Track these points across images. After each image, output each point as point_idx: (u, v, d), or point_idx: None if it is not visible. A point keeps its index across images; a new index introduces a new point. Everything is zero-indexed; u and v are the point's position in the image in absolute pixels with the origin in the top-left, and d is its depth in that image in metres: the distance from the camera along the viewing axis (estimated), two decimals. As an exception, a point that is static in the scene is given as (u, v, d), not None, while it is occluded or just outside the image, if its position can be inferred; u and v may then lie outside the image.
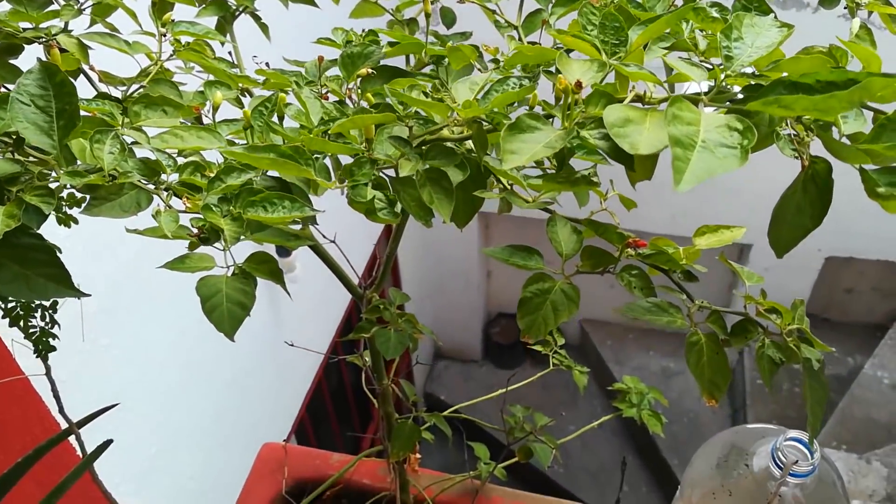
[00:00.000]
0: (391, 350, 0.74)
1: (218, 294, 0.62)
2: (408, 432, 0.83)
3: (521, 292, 0.48)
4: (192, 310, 1.90)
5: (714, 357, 0.45)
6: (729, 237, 0.51)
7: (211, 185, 0.43)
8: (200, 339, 1.94)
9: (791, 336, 0.45)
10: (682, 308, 0.51)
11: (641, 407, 1.16)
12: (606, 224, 0.50)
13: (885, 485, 2.58)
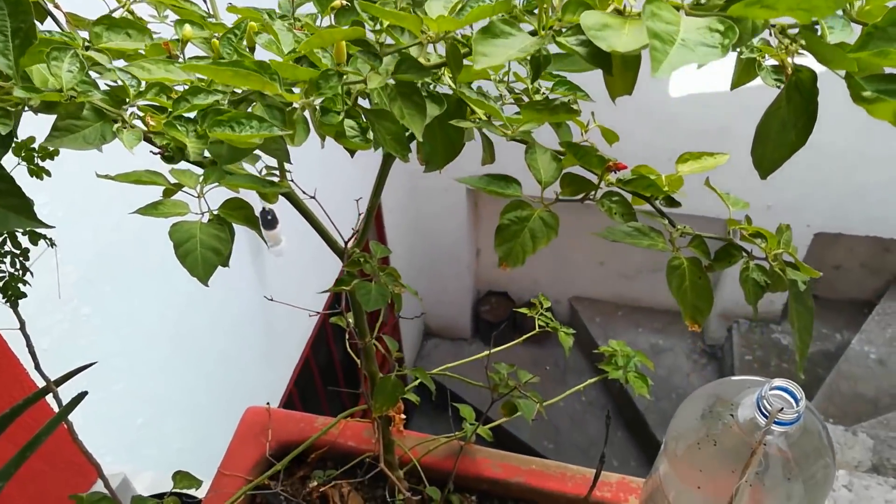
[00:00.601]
0: (372, 302, 0.73)
1: (192, 240, 0.61)
2: (391, 387, 0.82)
3: (499, 220, 0.47)
4: (178, 281, 1.88)
5: (696, 282, 0.44)
6: (712, 163, 0.50)
7: (176, 105, 0.42)
8: (188, 311, 1.93)
9: (777, 261, 0.44)
10: (664, 234, 0.49)
11: (627, 369, 1.15)
12: (586, 146, 0.49)
13: (871, 455, 2.60)
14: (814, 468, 0.72)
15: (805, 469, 0.71)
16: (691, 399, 0.78)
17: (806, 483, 0.71)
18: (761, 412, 0.69)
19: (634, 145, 3.38)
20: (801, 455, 0.71)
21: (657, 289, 4.17)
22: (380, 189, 0.82)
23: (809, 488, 0.71)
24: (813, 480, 0.71)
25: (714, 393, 0.76)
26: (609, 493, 1.08)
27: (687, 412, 0.77)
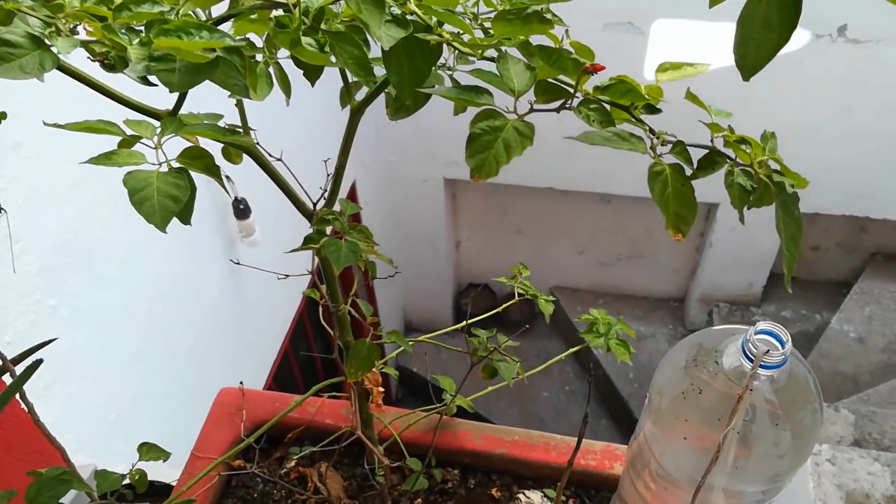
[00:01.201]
0: (342, 259, 0.70)
1: (148, 187, 0.57)
2: (366, 351, 0.79)
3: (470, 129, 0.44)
4: (147, 272, 1.83)
5: (679, 189, 0.42)
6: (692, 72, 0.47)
7: (117, 13, 0.39)
8: (159, 303, 1.88)
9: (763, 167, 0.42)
10: (644, 140, 0.47)
11: (609, 336, 1.13)
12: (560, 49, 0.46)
13: (853, 431, 2.61)
14: (801, 413, 0.70)
15: (792, 415, 0.69)
16: (674, 350, 0.76)
17: (793, 429, 0.69)
18: (746, 357, 0.67)
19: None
20: (788, 400, 0.69)
21: (637, 276, 4.17)
22: (348, 147, 0.79)
23: (797, 434, 0.69)
24: (801, 426, 0.70)
25: (697, 342, 0.74)
26: (594, 461, 1.06)
27: (670, 363, 0.75)
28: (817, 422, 0.70)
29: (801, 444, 0.70)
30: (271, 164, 0.77)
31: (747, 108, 3.22)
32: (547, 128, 3.20)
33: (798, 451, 0.70)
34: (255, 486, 1.06)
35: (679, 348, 0.75)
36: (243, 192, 2.13)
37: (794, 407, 0.70)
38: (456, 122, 3.13)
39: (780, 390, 0.69)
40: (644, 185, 2.44)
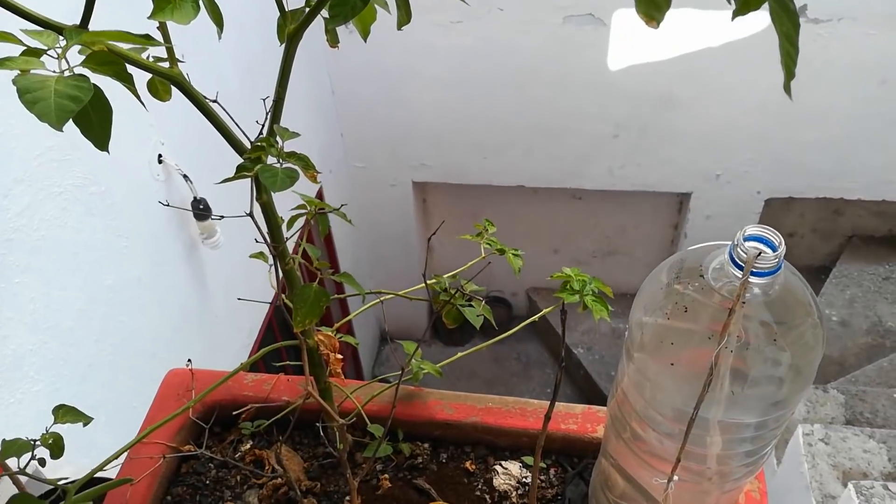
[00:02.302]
0: (279, 183, 0.62)
1: (44, 88, 0.50)
2: (313, 296, 0.70)
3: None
4: (102, 275, 1.71)
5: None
6: None
7: None
8: (115, 307, 1.78)
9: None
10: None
11: (584, 293, 1.06)
12: None
13: (844, 411, 2.55)
14: (801, 328, 0.62)
15: (791, 330, 0.62)
16: (654, 272, 0.68)
17: (793, 346, 0.61)
18: (735, 265, 0.60)
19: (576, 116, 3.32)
20: (785, 313, 0.62)
21: (613, 273, 4.10)
22: (285, 78, 0.71)
23: (797, 353, 0.62)
24: (802, 341, 0.62)
25: (679, 259, 0.66)
26: (575, 425, 0.98)
27: (651, 285, 0.67)
28: (819, 338, 0.63)
29: (802, 365, 0.62)
30: (204, 100, 0.69)
31: (714, 92, 3.19)
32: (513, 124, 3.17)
33: (800, 372, 0.62)
34: (208, 473, 0.97)
35: (659, 269, 0.67)
36: (203, 192, 2.04)
37: (792, 321, 0.62)
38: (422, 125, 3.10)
39: (775, 303, 0.61)
40: (614, 179, 2.42)
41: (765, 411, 0.63)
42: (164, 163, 1.85)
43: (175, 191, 1.95)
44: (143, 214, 1.84)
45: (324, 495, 0.95)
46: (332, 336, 0.90)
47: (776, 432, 0.69)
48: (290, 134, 0.69)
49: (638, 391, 0.69)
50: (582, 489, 0.93)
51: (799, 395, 0.64)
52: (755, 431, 0.66)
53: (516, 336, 4.34)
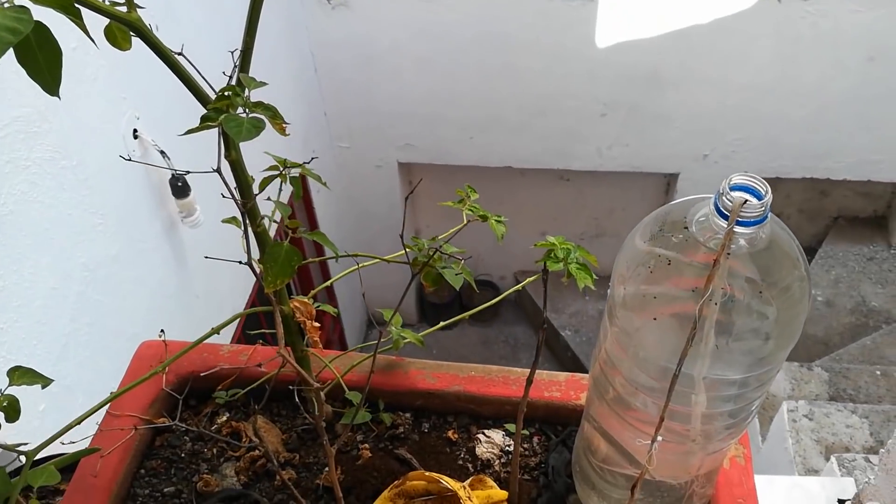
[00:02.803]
0: (244, 133, 0.59)
1: (-20, 20, 0.46)
2: (284, 254, 0.68)
3: None
4: (76, 252, 1.66)
5: None
6: None
7: None
8: (91, 286, 1.75)
9: None
10: None
11: (569, 261, 1.04)
12: None
13: (828, 388, 2.55)
14: (787, 280, 0.60)
15: (778, 283, 0.60)
16: (637, 228, 0.66)
17: (780, 299, 0.60)
18: (720, 215, 0.58)
19: (563, 96, 3.29)
20: (772, 266, 0.60)
21: (600, 255, 4.08)
22: (253, 26, 0.68)
23: (784, 305, 0.60)
24: (788, 295, 0.60)
25: (662, 213, 0.64)
26: (558, 392, 0.96)
27: (633, 240, 0.65)
28: (805, 292, 0.61)
29: (788, 319, 0.60)
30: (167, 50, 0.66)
31: (702, 70, 3.18)
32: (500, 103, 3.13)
33: (786, 326, 0.61)
34: (183, 446, 0.95)
35: (642, 224, 0.65)
36: (181, 169, 2.00)
37: (779, 273, 0.60)
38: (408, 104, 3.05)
39: (761, 255, 0.59)
40: (602, 159, 2.39)
41: (750, 367, 0.62)
42: (139, 138, 1.81)
43: (152, 167, 1.91)
44: (119, 191, 1.80)
45: (303, 467, 0.93)
46: (309, 303, 0.88)
47: (761, 390, 0.67)
48: (256, 83, 0.66)
49: (621, 350, 0.67)
50: (565, 457, 0.92)
51: (785, 350, 0.62)
52: (739, 389, 0.64)
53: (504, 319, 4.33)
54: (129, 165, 1.83)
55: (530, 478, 0.92)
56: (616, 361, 0.68)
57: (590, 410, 0.79)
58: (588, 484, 0.85)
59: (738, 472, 0.89)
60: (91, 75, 1.61)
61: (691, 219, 0.61)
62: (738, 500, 0.86)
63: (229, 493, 0.88)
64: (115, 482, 0.88)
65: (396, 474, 0.89)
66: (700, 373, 0.61)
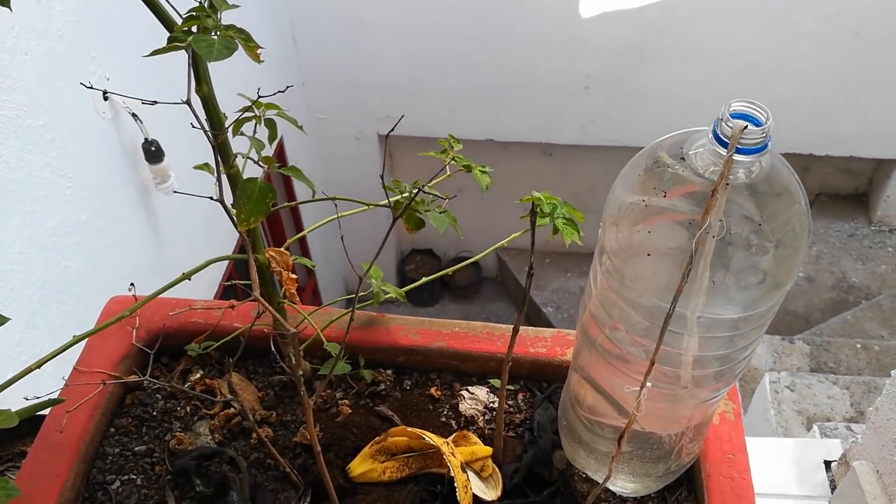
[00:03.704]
0: (215, 53, 0.55)
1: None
2: (258, 190, 0.64)
3: None
4: (44, 218, 1.60)
5: None
6: None
7: None
8: (60, 253, 1.70)
9: None
10: None
11: (555, 216, 1.01)
12: None
13: (809, 361, 2.56)
14: (787, 214, 0.58)
15: (777, 217, 0.57)
16: (631, 162, 0.63)
17: (779, 233, 0.57)
18: (719, 142, 0.55)
19: (546, 69, 3.26)
20: (771, 198, 0.57)
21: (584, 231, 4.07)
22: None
23: (784, 240, 0.57)
24: (787, 228, 0.57)
25: (655, 147, 0.61)
26: (544, 349, 0.93)
27: (626, 174, 0.62)
28: (805, 227, 0.59)
29: (788, 254, 0.58)
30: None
31: (690, 46, 3.15)
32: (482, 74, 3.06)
33: (784, 262, 0.58)
34: (155, 404, 0.91)
35: (637, 157, 0.62)
36: (154, 133, 1.94)
37: (778, 207, 0.58)
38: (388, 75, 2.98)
39: (761, 187, 0.57)
40: (585, 134, 2.33)
41: (747, 306, 0.59)
42: (109, 99, 1.75)
43: (124, 130, 1.86)
44: (89, 154, 1.75)
45: (280, 425, 0.90)
46: (285, 253, 0.84)
47: (756, 334, 0.64)
48: (228, 5, 0.62)
49: (612, 292, 0.64)
50: (551, 413, 0.89)
51: (783, 289, 0.59)
52: (734, 331, 0.62)
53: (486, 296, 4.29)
54: (99, 128, 1.78)
55: (515, 434, 0.89)
56: (606, 305, 0.66)
57: (578, 361, 0.76)
58: (574, 438, 0.82)
59: (728, 427, 0.87)
60: (56, 32, 1.55)
61: (687, 150, 0.58)
62: (727, 455, 0.84)
63: (203, 451, 0.85)
64: (83, 440, 0.84)
65: (377, 431, 0.86)
66: (694, 312, 0.58)
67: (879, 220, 3.76)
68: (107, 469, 0.85)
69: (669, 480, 0.84)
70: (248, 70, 0.61)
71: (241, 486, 0.80)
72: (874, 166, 3.89)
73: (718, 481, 0.81)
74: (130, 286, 0.95)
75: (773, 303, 0.60)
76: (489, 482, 0.85)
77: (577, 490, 0.84)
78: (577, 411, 0.78)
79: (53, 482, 0.80)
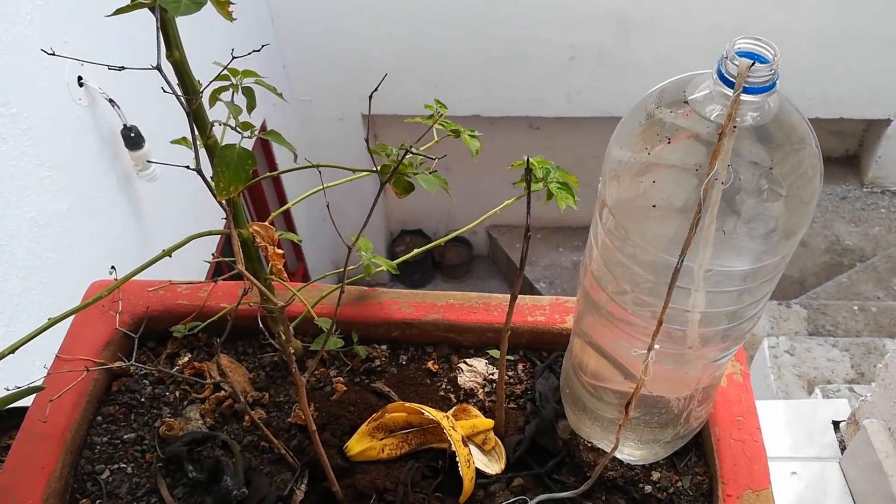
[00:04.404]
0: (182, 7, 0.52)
1: None
2: (237, 157, 0.61)
3: None
4: (24, 209, 1.55)
5: None
6: None
7: None
8: (42, 244, 1.65)
9: None
10: None
11: (549, 181, 0.98)
12: None
13: (806, 325, 2.54)
14: (798, 157, 0.55)
15: (788, 159, 0.54)
16: (632, 110, 0.59)
17: (790, 177, 0.54)
18: (725, 81, 0.51)
19: (530, 42, 3.21)
20: (781, 140, 0.54)
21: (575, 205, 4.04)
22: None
23: (795, 184, 0.54)
24: (799, 172, 0.54)
25: (658, 90, 0.58)
26: (543, 317, 0.90)
27: (628, 123, 0.59)
28: (817, 170, 0.55)
29: (799, 200, 0.55)
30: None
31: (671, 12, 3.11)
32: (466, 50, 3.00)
33: (796, 209, 0.55)
34: (142, 390, 0.88)
35: (636, 106, 0.59)
36: (134, 119, 1.90)
37: (788, 149, 0.54)
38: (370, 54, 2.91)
39: (770, 129, 0.53)
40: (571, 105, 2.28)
41: (758, 257, 0.56)
42: (85, 85, 1.70)
43: (101, 117, 1.81)
44: (67, 142, 1.70)
45: (273, 406, 0.86)
46: (270, 228, 0.80)
47: (765, 289, 0.61)
48: (198, -36, 0.58)
49: (615, 249, 0.61)
50: (552, 382, 0.86)
51: (795, 237, 0.56)
52: (743, 285, 0.59)
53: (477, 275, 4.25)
54: (75, 115, 1.73)
55: (516, 406, 0.86)
56: (610, 265, 0.62)
57: (580, 325, 0.73)
58: (579, 407, 0.79)
59: (736, 389, 0.84)
60: (26, 17, 1.50)
61: (690, 94, 0.55)
62: (737, 417, 0.81)
63: (194, 436, 0.82)
64: (69, 430, 0.81)
65: (374, 408, 0.83)
66: (701, 265, 0.55)
67: (871, 182, 3.74)
68: (95, 459, 0.81)
69: (678, 446, 0.81)
70: (223, 53, 0.57)
71: (236, 470, 0.77)
72: (864, 127, 3.87)
73: (729, 444, 0.79)
74: (112, 269, 0.92)
75: (784, 254, 0.57)
76: (492, 455, 0.82)
77: (582, 460, 0.81)
78: (581, 378, 0.75)
79: (39, 474, 0.77)
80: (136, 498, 0.78)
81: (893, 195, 3.67)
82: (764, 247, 0.55)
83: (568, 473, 0.81)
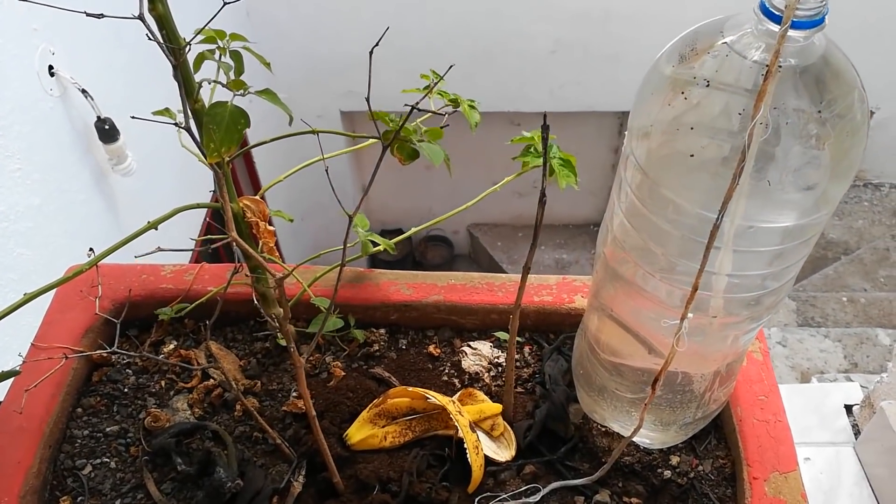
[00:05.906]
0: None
1: None
2: (229, 116, 0.55)
3: None
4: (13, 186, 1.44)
5: None
6: None
7: None
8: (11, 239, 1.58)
9: None
10: None
11: (551, 156, 0.93)
12: None
13: (796, 316, 2.53)
14: (847, 101, 0.50)
15: (837, 102, 0.50)
16: (658, 57, 0.55)
17: (838, 123, 0.49)
18: (769, 16, 0.47)
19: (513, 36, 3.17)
20: (829, 83, 0.50)
21: (555, 203, 4.00)
22: None
23: (844, 130, 0.50)
24: (848, 117, 0.50)
25: (689, 34, 0.53)
26: (550, 297, 0.86)
27: (657, 71, 0.54)
28: (866, 117, 0.51)
29: (847, 148, 0.50)
30: None
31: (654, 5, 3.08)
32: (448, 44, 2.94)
33: (843, 158, 0.51)
34: (125, 380, 0.82)
35: (668, 50, 0.54)
36: (108, 111, 1.82)
37: (836, 93, 0.50)
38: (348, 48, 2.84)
39: (816, 70, 0.49)
40: (554, 100, 2.21)
41: (803, 211, 0.52)
42: (56, 75, 1.63)
43: (74, 108, 1.74)
44: (38, 134, 1.63)
45: (265, 395, 0.81)
46: (261, 201, 0.75)
47: (800, 253, 0.57)
48: None
49: (645, 209, 0.56)
50: (562, 365, 0.82)
51: (840, 188, 0.52)
52: (781, 243, 0.54)
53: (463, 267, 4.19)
54: (47, 106, 1.66)
55: (524, 390, 0.81)
56: (637, 226, 0.58)
57: (599, 298, 0.69)
58: (593, 388, 0.75)
59: (757, 367, 0.80)
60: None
61: (728, 34, 0.51)
62: (759, 396, 0.77)
63: (182, 427, 0.76)
64: (47, 423, 0.75)
65: (374, 394, 0.78)
66: (734, 220, 0.51)
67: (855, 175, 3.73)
68: (76, 453, 0.75)
69: (697, 429, 0.77)
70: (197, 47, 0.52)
71: (229, 462, 0.71)
72: (842, 122, 3.87)
73: (752, 425, 0.75)
74: (90, 251, 0.86)
75: (827, 210, 0.53)
76: (501, 441, 0.77)
77: (596, 445, 0.77)
78: (598, 356, 0.71)
79: (15, 470, 0.71)
80: (121, 494, 0.72)
81: (876, 188, 3.68)
82: (810, 199, 0.51)
83: (581, 460, 0.77)
